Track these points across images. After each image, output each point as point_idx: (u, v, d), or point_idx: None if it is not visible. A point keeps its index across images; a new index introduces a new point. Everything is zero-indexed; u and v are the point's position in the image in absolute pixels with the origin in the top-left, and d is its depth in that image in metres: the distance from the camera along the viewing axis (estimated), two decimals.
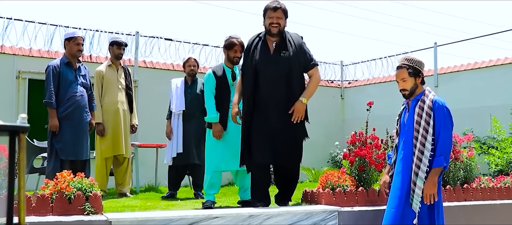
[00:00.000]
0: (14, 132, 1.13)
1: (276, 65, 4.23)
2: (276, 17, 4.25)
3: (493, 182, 5.29)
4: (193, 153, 5.91)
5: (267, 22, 4.28)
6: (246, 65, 4.35)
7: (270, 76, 4.21)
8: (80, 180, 3.41)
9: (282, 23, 4.29)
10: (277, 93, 4.21)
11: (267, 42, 4.33)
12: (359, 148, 4.50)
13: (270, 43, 4.33)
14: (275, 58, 4.26)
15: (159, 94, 8.11)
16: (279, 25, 4.26)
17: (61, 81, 5.18)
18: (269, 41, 4.34)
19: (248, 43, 4.43)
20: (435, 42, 10.22)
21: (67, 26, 8.37)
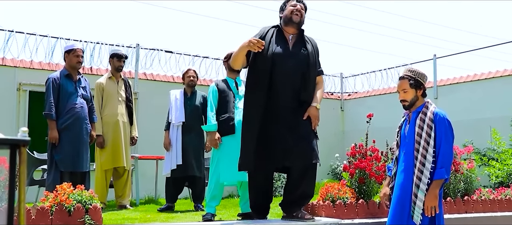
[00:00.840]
0: (15, 146, 1.14)
1: (294, 60, 3.97)
2: (299, 6, 4.04)
3: (494, 194, 5.28)
4: (192, 165, 5.90)
5: (289, 9, 4.02)
6: (262, 54, 3.94)
7: (287, 71, 3.93)
8: (80, 192, 3.40)
9: (303, 14, 4.07)
10: (293, 88, 3.94)
11: (284, 34, 4.08)
12: (359, 160, 4.50)
13: (287, 36, 4.07)
14: (294, 53, 4.00)
15: (159, 106, 8.12)
16: (300, 14, 4.03)
17: (61, 93, 5.19)
18: (286, 33, 4.08)
19: (263, 31, 4.10)
20: (435, 54, 10.26)
21: (68, 39, 8.41)
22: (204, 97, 6.13)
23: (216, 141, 4.56)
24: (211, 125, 4.62)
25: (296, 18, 4.00)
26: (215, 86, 4.79)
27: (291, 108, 3.93)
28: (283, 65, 3.92)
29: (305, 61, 3.98)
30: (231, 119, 4.62)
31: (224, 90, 4.74)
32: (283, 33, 4.08)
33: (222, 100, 4.72)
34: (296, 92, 3.94)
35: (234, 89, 4.75)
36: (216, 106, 4.71)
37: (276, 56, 3.93)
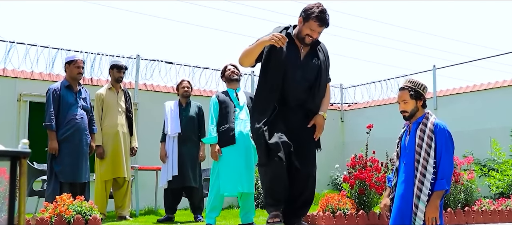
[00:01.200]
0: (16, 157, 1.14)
1: (305, 71, 3.82)
2: (318, 32, 3.77)
3: (494, 205, 5.27)
4: (188, 176, 5.89)
5: (305, 31, 3.74)
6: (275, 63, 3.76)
7: (296, 81, 3.79)
8: (79, 203, 3.40)
9: (319, 36, 3.85)
10: (299, 98, 3.84)
11: (295, 43, 3.84)
12: (359, 171, 4.50)
13: (298, 45, 3.86)
14: (304, 64, 3.83)
15: (159, 117, 8.12)
16: (314, 38, 3.81)
17: (61, 104, 5.20)
18: (298, 43, 3.89)
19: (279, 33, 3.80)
20: (434, 65, 10.28)
21: (68, 50, 8.43)
22: (199, 107, 6.14)
23: (216, 153, 4.57)
24: (212, 138, 4.64)
25: (309, 41, 3.79)
26: (216, 98, 4.82)
27: (297, 116, 3.86)
28: (292, 75, 3.77)
29: (314, 73, 3.83)
30: (231, 129, 4.63)
31: (225, 101, 4.78)
32: (295, 41, 3.86)
33: (223, 111, 4.75)
34: (303, 102, 3.86)
35: (234, 99, 4.77)
36: (216, 119, 4.73)
37: (287, 65, 3.76)
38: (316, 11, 3.65)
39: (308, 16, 3.68)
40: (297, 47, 3.82)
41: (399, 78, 10.67)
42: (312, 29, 3.68)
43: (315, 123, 3.83)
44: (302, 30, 3.73)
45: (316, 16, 3.65)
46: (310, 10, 3.67)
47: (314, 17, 3.65)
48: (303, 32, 3.72)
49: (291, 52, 3.77)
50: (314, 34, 3.72)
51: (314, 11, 3.66)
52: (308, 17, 3.68)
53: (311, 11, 3.66)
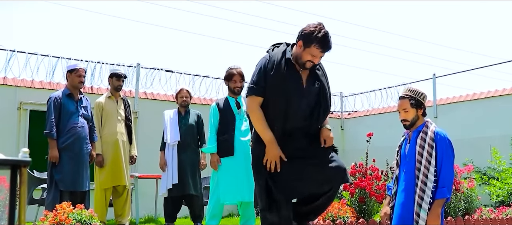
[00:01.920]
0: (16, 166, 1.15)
1: (309, 98, 3.47)
2: (319, 58, 3.40)
3: (495, 213, 5.26)
4: (188, 184, 5.89)
5: (306, 57, 3.34)
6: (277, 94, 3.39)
7: (303, 110, 3.45)
8: (79, 212, 3.40)
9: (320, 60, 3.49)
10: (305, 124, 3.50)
11: (295, 67, 3.45)
12: (359, 179, 4.50)
13: (298, 68, 3.47)
14: (308, 90, 3.47)
15: (159, 125, 8.12)
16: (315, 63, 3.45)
17: (62, 112, 5.21)
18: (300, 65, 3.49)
19: (275, 61, 3.41)
20: (434, 73, 10.31)
21: (69, 58, 8.46)
22: (199, 115, 6.15)
23: (216, 163, 4.57)
24: (211, 147, 4.64)
25: (310, 66, 3.42)
26: (216, 105, 4.79)
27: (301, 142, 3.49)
28: (297, 104, 3.42)
29: (317, 97, 3.49)
30: (231, 140, 4.62)
31: (225, 110, 4.75)
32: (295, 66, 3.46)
33: (223, 120, 4.73)
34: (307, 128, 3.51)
35: (235, 109, 4.75)
36: (216, 127, 4.72)
37: (290, 95, 3.39)
38: (319, 36, 3.28)
39: (309, 41, 3.30)
40: (298, 73, 3.44)
41: (399, 87, 10.69)
42: (313, 55, 3.32)
43: (325, 138, 3.48)
44: (302, 56, 3.35)
45: (319, 42, 3.28)
46: (311, 34, 3.30)
47: (317, 44, 3.28)
48: (304, 58, 3.35)
49: (292, 80, 3.41)
50: (316, 60, 3.37)
51: (316, 36, 3.28)
52: (309, 43, 3.30)
53: (313, 36, 3.29)
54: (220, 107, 4.76)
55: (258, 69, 3.43)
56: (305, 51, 3.31)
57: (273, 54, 3.45)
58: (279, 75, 3.34)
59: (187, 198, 6.02)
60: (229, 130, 4.65)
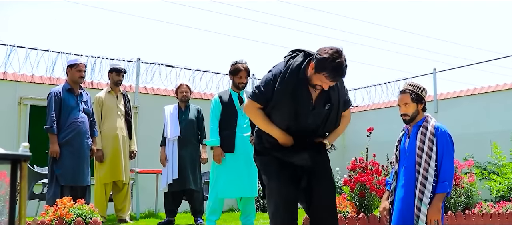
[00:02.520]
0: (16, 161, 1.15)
1: (316, 116, 3.33)
2: (328, 86, 3.20)
3: (495, 208, 5.27)
4: (189, 179, 5.89)
5: (316, 82, 3.17)
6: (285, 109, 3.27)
7: (309, 124, 3.33)
8: (80, 207, 3.40)
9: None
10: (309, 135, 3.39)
11: (308, 87, 3.27)
12: (359, 174, 4.50)
13: (311, 89, 3.27)
14: (317, 110, 3.32)
15: (160, 120, 8.14)
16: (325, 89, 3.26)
17: (63, 107, 5.21)
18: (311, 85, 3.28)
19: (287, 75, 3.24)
20: (435, 68, 10.30)
21: (69, 53, 8.46)
22: (199, 110, 6.15)
23: (220, 156, 4.55)
24: (215, 140, 4.60)
25: (319, 88, 3.22)
26: (218, 98, 4.75)
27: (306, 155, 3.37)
28: (304, 120, 3.30)
29: (326, 115, 3.36)
30: (232, 136, 4.60)
31: (228, 104, 4.70)
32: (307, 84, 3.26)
33: (225, 115, 4.70)
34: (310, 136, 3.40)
35: (237, 104, 4.72)
36: (218, 119, 4.68)
37: (298, 112, 3.28)
38: (331, 65, 3.06)
39: (321, 68, 3.09)
40: (309, 92, 3.26)
41: (399, 82, 10.68)
42: (323, 82, 3.14)
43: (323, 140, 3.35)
44: (312, 79, 3.17)
45: (330, 71, 3.07)
46: (325, 61, 3.07)
47: (327, 73, 3.08)
48: (314, 81, 3.18)
49: (302, 99, 3.26)
50: (325, 86, 3.19)
51: (329, 65, 3.06)
52: (320, 69, 3.10)
53: (326, 63, 3.07)
54: (223, 101, 4.72)
55: (269, 78, 3.27)
56: (316, 76, 3.13)
57: (288, 66, 3.26)
58: (288, 91, 3.19)
59: (188, 193, 6.02)
60: (230, 126, 4.63)
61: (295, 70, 3.21)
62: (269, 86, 3.24)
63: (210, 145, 4.69)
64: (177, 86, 6.23)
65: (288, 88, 3.19)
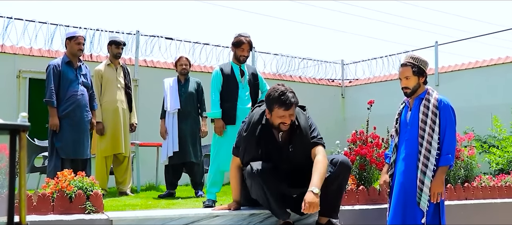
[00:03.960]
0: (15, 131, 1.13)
1: (288, 163, 3.57)
2: (288, 116, 3.46)
3: (494, 181, 5.29)
4: (189, 151, 5.91)
5: (277, 120, 3.47)
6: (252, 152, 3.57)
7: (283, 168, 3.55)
8: (81, 179, 3.41)
9: (293, 118, 3.52)
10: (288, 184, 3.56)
11: (272, 131, 3.59)
12: (360, 147, 4.50)
13: (276, 132, 3.59)
14: (285, 150, 3.58)
15: (159, 93, 8.11)
16: (290, 122, 3.51)
17: (62, 80, 5.18)
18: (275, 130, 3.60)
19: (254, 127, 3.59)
20: (436, 41, 10.24)
21: (67, 26, 8.38)
22: (198, 83, 6.12)
23: (222, 128, 4.54)
24: (216, 112, 4.58)
25: (285, 128, 3.50)
26: (220, 70, 4.70)
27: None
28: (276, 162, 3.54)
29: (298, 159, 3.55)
30: (233, 108, 4.58)
31: (229, 77, 4.66)
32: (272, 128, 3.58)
33: (226, 86, 4.67)
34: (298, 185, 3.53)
35: (238, 77, 4.69)
36: (220, 91, 4.65)
37: (268, 154, 3.55)
38: (276, 99, 3.43)
39: (270, 105, 3.48)
40: (273, 134, 3.58)
41: (400, 55, 10.63)
42: (280, 116, 3.45)
43: (306, 201, 3.21)
44: (273, 121, 3.51)
45: (277, 102, 3.42)
46: (269, 98, 3.48)
47: (276, 104, 3.43)
48: (275, 121, 3.49)
49: (268, 140, 3.57)
50: (286, 119, 3.46)
51: (273, 98, 3.45)
52: (271, 107, 3.47)
53: (270, 99, 3.47)
54: (224, 73, 4.68)
55: (240, 129, 3.72)
56: (273, 115, 3.49)
57: (252, 115, 3.66)
58: (254, 136, 3.56)
59: (188, 165, 6.04)
60: (232, 98, 4.61)
61: (259, 118, 3.60)
62: (240, 137, 3.68)
63: (212, 117, 4.67)
64: (176, 58, 6.19)
65: (254, 134, 3.55)
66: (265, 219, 3.72)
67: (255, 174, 3.44)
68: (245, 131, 3.62)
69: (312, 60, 11.57)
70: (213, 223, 3.56)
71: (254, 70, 4.91)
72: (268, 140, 3.58)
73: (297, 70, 11.33)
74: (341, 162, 3.53)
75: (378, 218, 4.05)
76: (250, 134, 3.59)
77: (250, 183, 3.54)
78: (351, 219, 4.04)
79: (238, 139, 3.76)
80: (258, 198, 3.57)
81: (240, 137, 3.71)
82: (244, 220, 3.66)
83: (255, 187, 3.51)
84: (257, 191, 3.51)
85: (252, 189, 3.57)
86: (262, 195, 3.49)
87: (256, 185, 3.49)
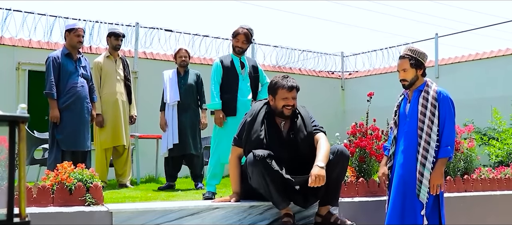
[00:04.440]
0: (14, 122, 1.13)
1: (289, 150, 3.65)
2: (291, 98, 3.65)
3: (493, 173, 5.30)
4: (189, 143, 5.91)
5: (280, 103, 3.65)
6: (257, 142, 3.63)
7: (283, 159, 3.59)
8: (80, 171, 3.41)
9: (296, 102, 3.70)
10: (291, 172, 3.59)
11: (276, 119, 3.74)
12: (359, 139, 4.50)
13: (278, 121, 3.74)
14: (288, 142, 3.68)
15: (159, 85, 8.10)
16: (293, 106, 3.69)
17: (62, 72, 5.17)
18: (277, 119, 3.75)
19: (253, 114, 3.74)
20: (436, 33, 10.21)
21: (66, 17, 8.36)
22: (198, 75, 6.12)
23: (221, 119, 4.54)
24: (216, 103, 4.58)
25: (288, 112, 3.66)
26: (220, 62, 4.70)
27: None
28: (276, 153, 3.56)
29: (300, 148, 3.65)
30: (234, 100, 4.58)
31: (229, 68, 4.65)
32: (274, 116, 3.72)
33: (226, 78, 4.66)
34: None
35: (238, 68, 4.68)
36: (220, 83, 4.64)
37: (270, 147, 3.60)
38: (280, 81, 3.68)
39: (274, 90, 3.69)
40: (276, 122, 3.72)
41: (400, 47, 10.61)
42: (284, 98, 3.65)
43: (313, 174, 3.36)
44: (277, 105, 3.68)
45: (281, 84, 3.65)
46: (273, 84, 3.72)
47: (280, 87, 3.66)
48: (279, 105, 3.67)
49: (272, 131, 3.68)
50: (290, 101, 3.65)
51: (277, 82, 3.69)
52: (275, 90, 3.69)
53: (274, 83, 3.70)
54: (224, 65, 4.68)
55: (242, 122, 3.79)
56: (277, 100, 3.67)
57: (254, 107, 3.79)
58: (258, 121, 3.67)
59: (188, 158, 6.05)
60: (232, 90, 4.60)
61: (262, 106, 3.76)
62: (242, 127, 3.74)
63: (211, 108, 4.68)
64: (176, 50, 6.18)
65: (257, 119, 3.67)
66: (265, 211, 3.72)
67: (257, 160, 3.45)
68: (250, 116, 3.74)
69: (312, 52, 11.56)
70: (213, 215, 3.57)
71: (254, 63, 4.91)
72: (270, 127, 3.68)
73: (297, 62, 11.31)
74: (340, 150, 3.64)
75: (377, 210, 4.06)
76: (254, 120, 3.69)
77: (252, 170, 3.54)
78: (350, 211, 4.05)
79: (241, 129, 3.79)
80: (259, 186, 3.56)
81: (243, 127, 3.76)
82: (244, 211, 3.67)
83: (256, 174, 3.50)
84: (258, 178, 3.50)
85: (253, 176, 3.55)
86: (263, 182, 3.49)
87: (257, 172, 3.49)
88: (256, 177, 3.52)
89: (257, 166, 3.46)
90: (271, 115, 3.73)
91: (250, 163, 3.53)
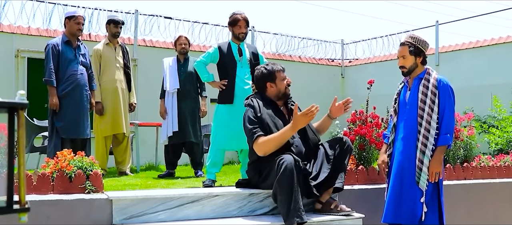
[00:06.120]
0: (13, 109, 1.12)
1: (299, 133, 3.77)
2: (288, 78, 3.93)
3: (493, 161, 5.30)
4: (189, 131, 5.91)
5: (282, 84, 3.85)
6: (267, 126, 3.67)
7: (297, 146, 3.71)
8: (80, 159, 3.40)
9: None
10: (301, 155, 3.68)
11: (278, 107, 3.89)
12: (359, 127, 4.50)
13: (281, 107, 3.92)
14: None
15: (159, 72, 8.08)
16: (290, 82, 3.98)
17: (61, 59, 5.16)
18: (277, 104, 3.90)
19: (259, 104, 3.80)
20: (437, 20, 10.18)
21: (65, 4, 8.31)
22: None
23: (220, 83, 4.61)
24: (209, 76, 4.73)
25: (289, 90, 3.92)
26: (218, 48, 4.69)
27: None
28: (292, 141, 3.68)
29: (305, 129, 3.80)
30: (232, 87, 4.57)
31: (227, 55, 4.65)
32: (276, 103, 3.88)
33: (223, 65, 4.65)
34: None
35: (236, 56, 4.66)
36: (206, 64, 4.75)
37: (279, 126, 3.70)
38: (270, 67, 3.88)
39: (271, 76, 3.84)
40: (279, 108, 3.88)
41: (401, 34, 10.57)
42: (283, 78, 3.86)
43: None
44: (280, 88, 3.85)
45: (272, 68, 3.86)
46: (267, 69, 3.87)
47: (276, 70, 3.85)
48: (282, 87, 3.86)
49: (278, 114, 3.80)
50: (288, 79, 3.92)
51: (269, 69, 3.86)
52: (273, 76, 3.84)
53: (268, 69, 3.86)
54: (222, 51, 4.67)
55: (248, 117, 3.71)
56: (278, 83, 3.83)
57: (254, 100, 3.83)
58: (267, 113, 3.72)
59: (187, 145, 6.05)
60: (229, 77, 4.59)
61: (259, 98, 3.82)
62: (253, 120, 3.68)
63: (206, 81, 4.76)
64: (175, 38, 6.16)
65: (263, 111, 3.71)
66: (264, 199, 3.73)
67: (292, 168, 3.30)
68: (257, 112, 3.71)
69: (312, 39, 11.52)
70: (213, 202, 3.58)
71: (254, 49, 4.89)
72: (277, 115, 3.79)
73: (297, 50, 11.28)
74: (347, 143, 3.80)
75: (377, 198, 4.07)
76: (262, 112, 3.71)
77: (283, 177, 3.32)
78: (350, 198, 4.06)
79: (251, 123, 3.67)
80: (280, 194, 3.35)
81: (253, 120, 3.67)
82: (243, 199, 3.68)
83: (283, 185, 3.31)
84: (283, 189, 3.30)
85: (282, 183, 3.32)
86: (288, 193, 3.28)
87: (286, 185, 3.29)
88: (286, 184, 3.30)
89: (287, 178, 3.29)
90: (272, 103, 3.84)
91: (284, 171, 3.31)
